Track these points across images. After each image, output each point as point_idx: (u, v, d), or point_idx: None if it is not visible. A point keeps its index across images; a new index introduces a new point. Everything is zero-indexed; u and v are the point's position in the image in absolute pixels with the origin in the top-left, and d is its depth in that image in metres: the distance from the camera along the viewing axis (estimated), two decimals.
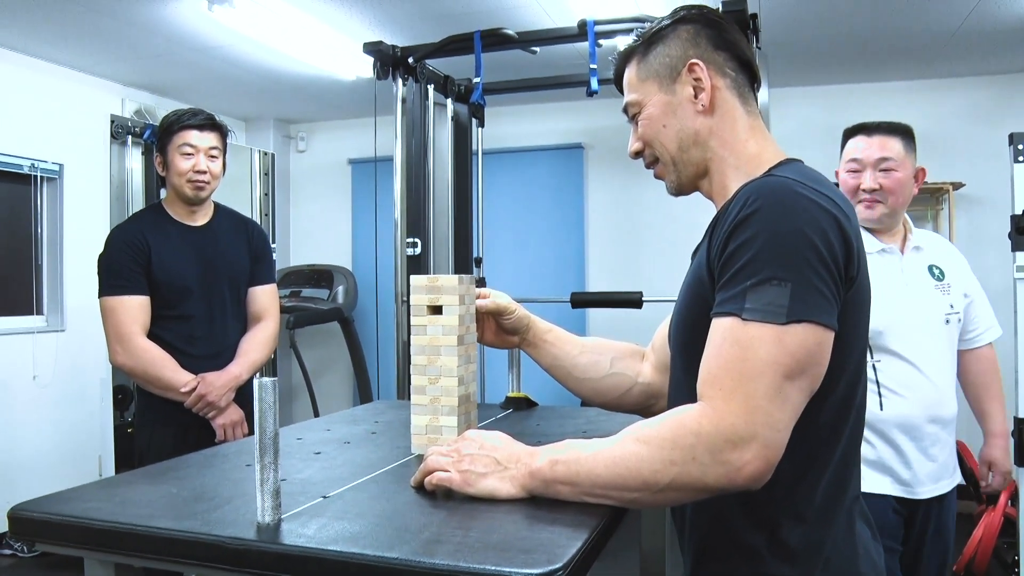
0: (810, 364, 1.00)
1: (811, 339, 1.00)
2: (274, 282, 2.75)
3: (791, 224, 1.02)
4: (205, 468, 1.38)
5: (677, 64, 1.25)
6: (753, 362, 0.99)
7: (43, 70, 4.49)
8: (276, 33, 3.97)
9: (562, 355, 1.58)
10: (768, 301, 0.99)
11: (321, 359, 6.04)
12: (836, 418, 1.11)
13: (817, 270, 1.00)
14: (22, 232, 4.52)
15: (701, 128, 1.24)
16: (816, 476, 1.11)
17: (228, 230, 2.62)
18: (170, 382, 2.39)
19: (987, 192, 4.86)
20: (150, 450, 2.45)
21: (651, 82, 1.27)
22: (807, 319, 0.99)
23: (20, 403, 4.34)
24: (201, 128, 2.47)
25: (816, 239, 1.01)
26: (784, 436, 0.99)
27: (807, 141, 5.13)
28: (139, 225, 2.50)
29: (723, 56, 1.25)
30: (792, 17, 3.89)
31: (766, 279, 1.00)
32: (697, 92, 1.23)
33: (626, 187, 5.55)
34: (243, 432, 2.50)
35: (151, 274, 2.43)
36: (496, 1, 3.68)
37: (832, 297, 1.02)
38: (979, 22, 3.96)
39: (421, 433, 1.46)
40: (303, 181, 6.36)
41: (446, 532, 1.01)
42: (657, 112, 1.26)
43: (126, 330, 2.38)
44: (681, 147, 1.26)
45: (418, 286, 1.45)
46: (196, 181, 2.46)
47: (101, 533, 1.06)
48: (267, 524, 1.01)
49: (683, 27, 1.26)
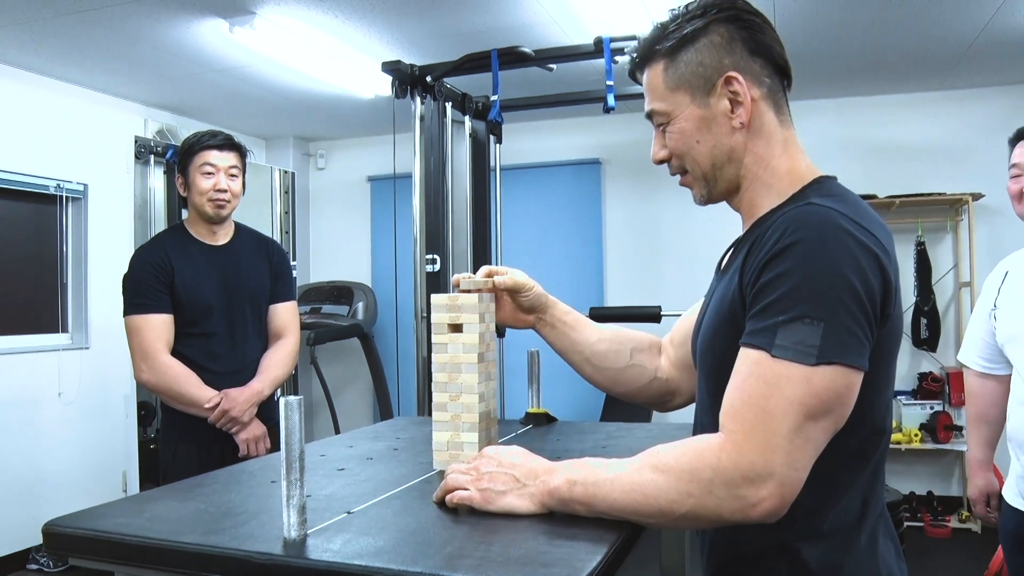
0: (836, 405, 0.98)
1: (839, 381, 0.98)
2: (294, 299, 2.79)
3: (830, 262, 0.99)
4: (231, 484, 1.41)
5: (712, 75, 1.15)
6: (778, 400, 0.97)
7: (68, 92, 4.57)
8: (296, 53, 4.03)
9: (580, 340, 1.55)
10: (799, 340, 0.97)
11: (341, 375, 6.08)
12: (865, 445, 1.09)
13: (852, 311, 0.98)
14: (47, 251, 4.60)
15: (737, 145, 1.17)
16: (838, 499, 1.09)
17: (249, 249, 2.67)
18: (194, 398, 2.43)
19: (1007, 202, 4.79)
20: (175, 465, 2.49)
21: (682, 92, 1.17)
22: (837, 361, 0.97)
23: (46, 420, 4.40)
24: (221, 148, 2.54)
25: (854, 279, 0.98)
26: (802, 475, 0.98)
27: (824, 154, 5.14)
28: (162, 245, 2.56)
29: (759, 63, 1.16)
30: (808, 30, 3.91)
31: (799, 317, 0.98)
32: (734, 107, 1.15)
33: (643, 202, 5.57)
34: (266, 447, 2.54)
35: (174, 293, 2.48)
36: (512, 19, 3.72)
37: (865, 338, 1.00)
38: (995, 33, 3.96)
39: (443, 449, 1.47)
40: (323, 198, 6.43)
41: (468, 547, 1.02)
42: (690, 127, 1.18)
43: (151, 348, 2.43)
44: (715, 164, 1.19)
45: (439, 304, 1.47)
46: (217, 200, 2.52)
47: (132, 548, 1.08)
48: (293, 539, 1.04)
49: (716, 29, 1.15)
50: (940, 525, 4.69)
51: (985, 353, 2.28)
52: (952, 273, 5.03)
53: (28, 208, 4.48)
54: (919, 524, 4.75)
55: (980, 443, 2.34)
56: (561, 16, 3.69)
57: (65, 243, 4.65)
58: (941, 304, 4.98)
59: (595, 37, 3.19)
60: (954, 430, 4.78)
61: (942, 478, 5.05)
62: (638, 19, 3.66)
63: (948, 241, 5.06)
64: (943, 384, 4.91)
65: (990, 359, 2.27)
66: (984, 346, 2.28)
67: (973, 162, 4.95)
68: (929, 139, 5.07)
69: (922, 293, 4.90)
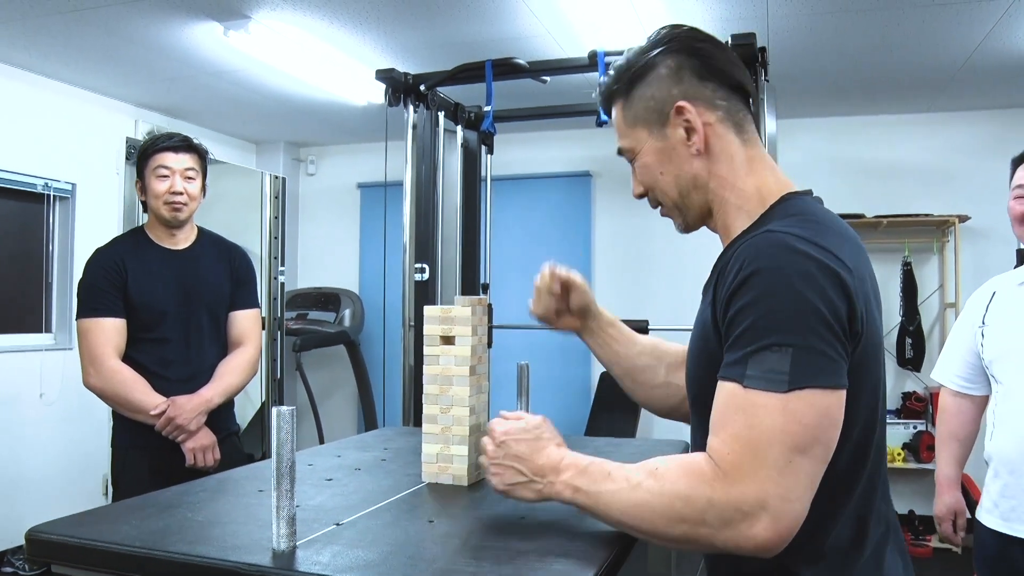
0: (822, 430, 0.98)
1: (818, 404, 0.97)
2: (257, 307, 2.71)
3: (789, 288, 0.99)
4: (218, 493, 1.40)
5: (663, 107, 1.19)
6: (760, 431, 0.97)
7: (58, 90, 4.55)
8: (289, 59, 4.02)
9: (623, 353, 1.54)
10: (768, 368, 0.97)
11: (326, 382, 6.05)
12: (853, 463, 1.08)
13: (819, 332, 0.98)
14: (33, 250, 4.56)
15: (699, 171, 1.19)
16: (834, 521, 1.08)
17: (210, 254, 2.61)
18: (140, 404, 2.36)
19: (992, 225, 4.88)
20: (124, 473, 2.43)
21: (640, 128, 1.22)
22: (809, 385, 0.97)
23: (26, 421, 4.35)
24: (176, 150, 2.47)
25: (817, 300, 0.98)
26: (799, 506, 0.97)
27: (814, 172, 5.18)
28: (117, 249, 2.51)
29: (711, 86, 1.18)
30: (800, 50, 3.93)
31: (766, 346, 0.98)
32: (689, 134, 1.18)
33: (633, 215, 5.58)
34: (215, 458, 2.45)
35: (127, 297, 2.42)
36: (507, 31, 3.72)
37: (838, 356, 0.99)
38: (984, 58, 4.00)
39: (432, 462, 1.47)
40: (312, 204, 6.41)
41: (459, 563, 1.02)
42: (652, 160, 1.22)
43: (99, 352, 2.37)
44: (681, 193, 1.22)
45: (431, 316, 1.47)
46: (173, 203, 2.45)
47: (117, 556, 1.07)
48: (283, 551, 1.03)
49: (663, 61, 1.19)
50: (921, 544, 4.71)
51: (964, 372, 2.29)
52: (937, 294, 5.07)
53: (14, 206, 4.44)
54: None
55: (950, 461, 2.35)
56: (556, 29, 3.70)
57: (51, 242, 4.61)
58: (926, 324, 5.01)
59: (589, 51, 3.20)
60: None
61: (924, 497, 5.06)
62: (633, 33, 3.68)
63: (934, 262, 5.09)
64: (926, 404, 4.94)
65: (968, 378, 2.29)
66: (964, 365, 2.29)
67: (960, 184, 4.99)
68: (917, 160, 5.11)
69: (908, 313, 4.93)
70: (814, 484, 0.99)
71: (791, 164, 4.98)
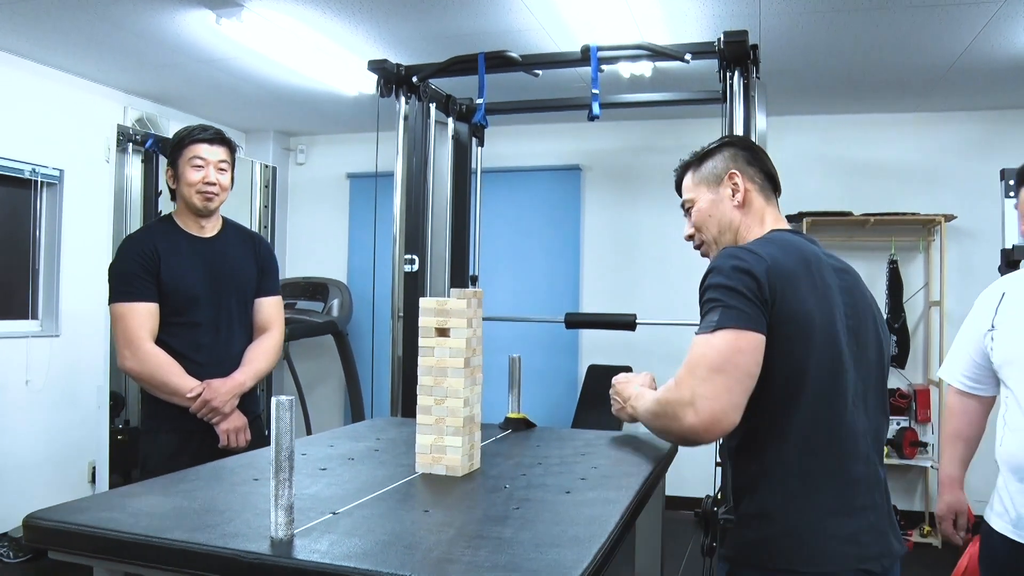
0: (733, 354, 1.44)
1: (731, 339, 1.45)
2: (279, 294, 2.80)
3: (721, 272, 1.51)
4: (213, 481, 1.41)
5: (721, 174, 1.75)
6: (695, 356, 1.47)
7: (47, 76, 4.51)
8: (281, 47, 4.00)
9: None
10: (708, 321, 1.48)
11: (314, 372, 6.05)
12: (782, 405, 1.50)
13: (734, 296, 1.47)
14: (20, 236, 4.53)
15: (734, 218, 1.73)
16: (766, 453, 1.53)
17: (236, 242, 2.69)
18: (176, 387, 2.44)
19: (978, 225, 4.93)
20: (153, 454, 2.50)
21: (702, 186, 1.78)
22: (727, 327, 1.45)
23: (11, 407, 4.33)
24: (211, 142, 2.56)
25: (731, 278, 1.49)
26: (716, 404, 1.43)
27: (802, 170, 5.22)
28: (150, 235, 2.58)
29: (753, 170, 1.75)
30: (791, 49, 3.96)
31: (709, 309, 1.50)
32: (735, 193, 1.72)
33: (622, 209, 5.60)
34: (246, 438, 2.55)
35: (160, 281, 2.49)
36: (500, 24, 3.73)
37: (754, 312, 1.46)
38: (973, 59, 4.03)
39: (426, 452, 1.48)
40: (301, 194, 6.39)
41: (455, 552, 1.03)
42: (706, 206, 1.76)
43: (134, 335, 2.43)
44: (719, 232, 1.75)
45: (427, 308, 1.48)
46: (205, 192, 2.54)
47: (116, 543, 1.08)
48: (280, 539, 1.04)
49: (727, 148, 1.78)
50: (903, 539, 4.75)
51: (970, 372, 2.27)
52: (923, 292, 5.11)
53: (2, 192, 4.41)
54: None
55: (954, 460, 2.34)
56: (549, 23, 3.71)
57: (39, 229, 4.58)
58: (911, 322, 5.05)
59: (582, 45, 3.20)
60: (919, 446, 4.86)
61: (906, 493, 5.12)
62: (625, 29, 3.69)
63: (920, 260, 5.14)
64: (910, 401, 4.98)
65: (975, 379, 2.27)
66: (971, 365, 2.27)
67: (947, 184, 5.04)
68: (905, 159, 5.15)
69: (893, 310, 4.97)
70: (732, 393, 1.44)
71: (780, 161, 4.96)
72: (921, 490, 5.09)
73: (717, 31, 3.07)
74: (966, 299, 5.15)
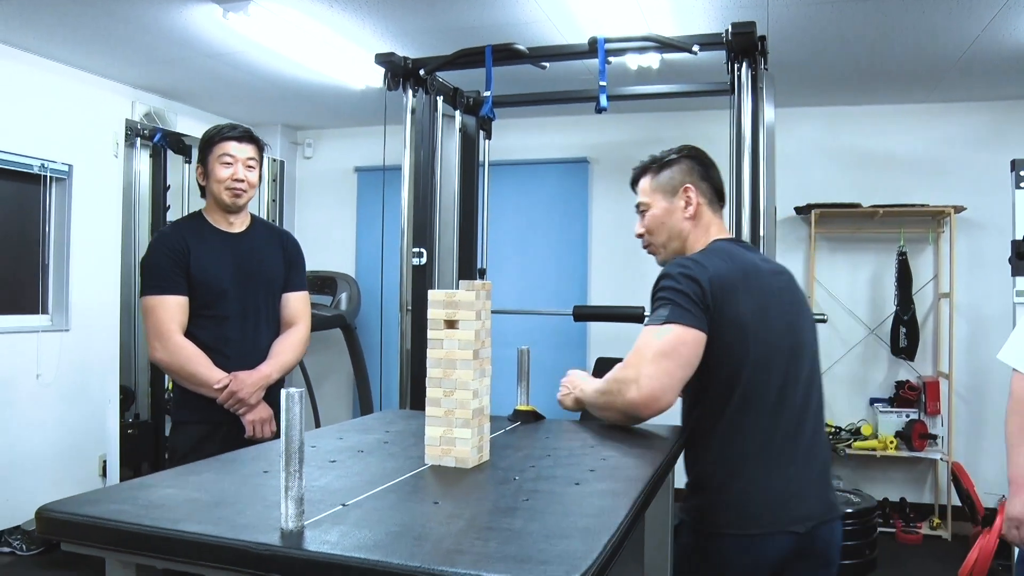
0: (677, 345, 1.69)
1: (676, 332, 1.70)
2: (306, 290, 2.87)
3: (670, 278, 1.77)
4: (224, 473, 1.41)
5: (677, 186, 1.96)
6: (643, 342, 1.73)
7: (56, 71, 4.52)
8: (288, 41, 4.01)
9: None
10: (657, 315, 1.73)
11: (322, 366, 6.06)
12: (721, 396, 1.76)
13: (682, 297, 1.73)
14: (30, 231, 4.55)
15: (684, 228, 1.97)
16: (712, 435, 1.79)
17: (264, 238, 2.76)
18: (204, 379, 2.50)
19: (988, 216, 4.90)
20: (182, 444, 2.56)
21: (658, 193, 1.99)
22: (674, 322, 1.70)
23: (22, 401, 4.35)
24: (240, 140, 2.64)
25: (680, 283, 1.75)
26: (656, 383, 1.68)
27: (811, 161, 5.20)
28: (180, 230, 2.65)
29: (706, 184, 1.97)
30: (799, 40, 3.94)
31: (658, 306, 1.76)
32: (687, 206, 1.95)
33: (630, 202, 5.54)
34: (272, 429, 2.60)
35: (189, 276, 2.55)
36: (507, 16, 3.72)
37: (697, 312, 1.71)
38: (983, 50, 4.01)
39: (435, 444, 1.48)
40: (308, 188, 6.39)
41: (465, 543, 1.04)
42: (659, 214, 1.99)
43: (165, 328, 2.50)
44: (669, 239, 1.99)
45: (436, 300, 1.48)
46: (234, 188, 2.61)
47: (129, 535, 1.09)
48: (291, 530, 1.04)
49: (685, 161, 1.99)
50: (912, 532, 4.75)
51: None
52: (932, 284, 5.09)
53: (11, 187, 4.43)
54: (891, 530, 4.80)
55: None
56: (556, 15, 3.70)
57: (48, 223, 4.60)
58: (920, 314, 5.03)
59: (589, 37, 3.20)
60: (929, 438, 4.84)
61: (915, 485, 5.11)
62: (632, 21, 3.67)
63: (929, 252, 5.12)
64: (920, 393, 4.97)
65: None
66: None
67: (956, 175, 5.01)
68: (914, 151, 5.13)
69: (902, 302, 4.95)
70: (672, 376, 1.69)
71: (788, 153, 4.99)
72: (931, 482, 5.07)
73: (725, 22, 3.06)
74: (976, 291, 5.17)
